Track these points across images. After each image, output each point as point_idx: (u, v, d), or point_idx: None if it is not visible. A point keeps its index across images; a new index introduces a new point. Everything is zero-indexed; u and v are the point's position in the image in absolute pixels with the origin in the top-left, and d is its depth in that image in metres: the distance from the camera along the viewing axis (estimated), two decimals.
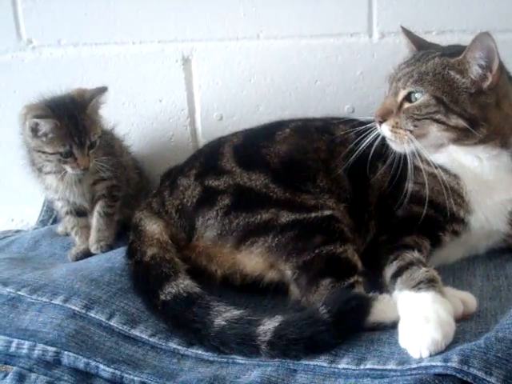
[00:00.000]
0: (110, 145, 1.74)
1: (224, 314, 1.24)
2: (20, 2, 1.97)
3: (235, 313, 1.25)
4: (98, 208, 1.71)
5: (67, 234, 1.82)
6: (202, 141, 1.98)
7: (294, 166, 1.50)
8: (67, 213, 1.74)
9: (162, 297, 1.31)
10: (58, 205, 1.75)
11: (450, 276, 1.44)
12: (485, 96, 1.39)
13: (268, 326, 1.20)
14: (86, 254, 1.68)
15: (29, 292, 1.38)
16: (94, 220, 1.71)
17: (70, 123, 1.58)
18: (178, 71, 1.95)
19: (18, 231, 2.03)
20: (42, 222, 2.04)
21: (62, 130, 1.57)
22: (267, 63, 1.91)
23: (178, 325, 1.28)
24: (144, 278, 1.37)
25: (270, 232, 1.38)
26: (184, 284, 1.33)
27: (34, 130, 1.58)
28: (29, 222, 2.14)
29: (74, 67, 1.99)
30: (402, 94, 1.43)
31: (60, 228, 1.87)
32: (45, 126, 1.56)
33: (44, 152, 1.60)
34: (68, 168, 1.61)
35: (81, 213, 1.74)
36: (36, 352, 1.23)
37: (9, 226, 2.16)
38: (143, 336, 1.28)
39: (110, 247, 1.67)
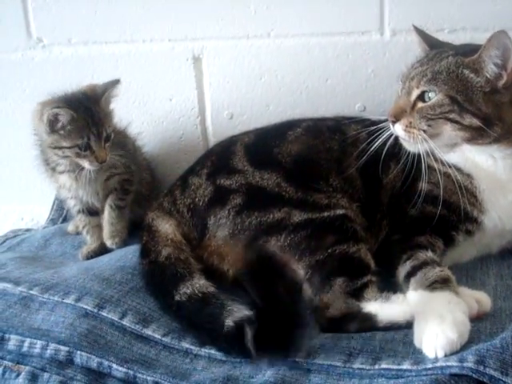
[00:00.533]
0: (123, 143, 1.74)
1: (235, 315, 1.23)
2: (30, 1, 1.97)
3: (246, 313, 1.23)
4: (109, 201, 1.71)
5: (78, 233, 1.82)
6: (212, 140, 1.98)
7: (306, 165, 1.49)
8: (79, 211, 1.74)
9: (177, 297, 1.31)
10: (71, 203, 1.74)
11: (463, 275, 1.43)
12: (499, 95, 1.38)
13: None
14: (98, 252, 1.68)
15: (40, 291, 1.38)
16: (106, 213, 1.71)
17: (86, 115, 1.59)
18: (189, 70, 1.95)
19: (28, 230, 2.03)
20: (52, 221, 2.04)
21: (79, 121, 1.57)
22: (278, 62, 1.90)
23: (191, 325, 1.28)
24: (159, 278, 1.37)
25: (283, 231, 1.37)
26: (199, 284, 1.32)
27: (52, 123, 1.57)
28: (39, 220, 2.14)
29: (84, 66, 1.98)
30: (416, 93, 1.42)
31: (70, 227, 1.86)
32: (64, 116, 1.56)
33: (61, 147, 1.59)
34: (85, 163, 1.61)
35: (92, 212, 1.74)
36: (48, 351, 1.23)
37: (19, 224, 2.16)
38: (156, 335, 1.28)
39: (124, 242, 1.67)
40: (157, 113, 2.00)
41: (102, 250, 1.70)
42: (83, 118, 1.58)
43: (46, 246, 1.81)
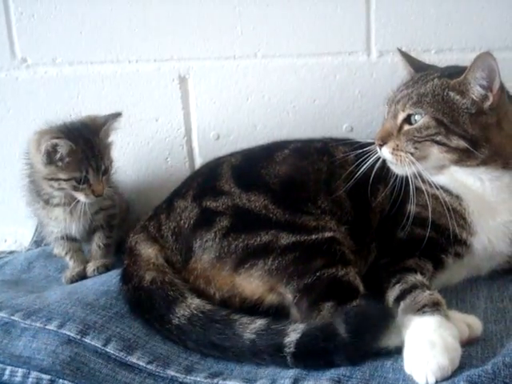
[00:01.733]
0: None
1: (251, 326, 1.24)
2: (14, 20, 1.95)
3: (261, 322, 1.25)
4: (96, 240, 1.70)
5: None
6: (199, 160, 1.97)
7: (294, 187, 1.48)
8: (62, 238, 1.70)
9: (175, 321, 1.30)
10: (54, 230, 1.70)
11: (452, 298, 1.41)
12: (486, 116, 1.38)
13: (292, 337, 1.20)
14: (82, 276, 1.66)
15: (22, 317, 1.35)
16: (93, 252, 1.70)
17: (85, 147, 1.56)
18: (175, 90, 1.94)
19: (11, 252, 2.01)
20: (36, 243, 2.01)
21: (78, 154, 1.54)
22: (265, 82, 1.90)
23: (203, 345, 1.27)
24: (148, 304, 1.35)
25: (270, 254, 1.36)
26: (194, 304, 1.32)
27: (50, 154, 1.53)
28: (22, 242, 2.11)
29: (69, 86, 1.97)
30: (402, 116, 1.42)
31: (56, 250, 1.83)
32: (63, 147, 1.52)
33: (58, 179, 1.56)
34: (81, 196, 1.58)
35: (73, 238, 1.71)
36: (30, 380, 1.21)
37: (2, 246, 2.13)
38: (140, 363, 1.25)
39: (107, 268, 1.65)
40: (143, 133, 1.98)
41: (86, 273, 1.68)
42: (82, 151, 1.55)
43: (29, 269, 1.78)
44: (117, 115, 1.64)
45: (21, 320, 1.34)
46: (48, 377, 1.20)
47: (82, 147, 1.55)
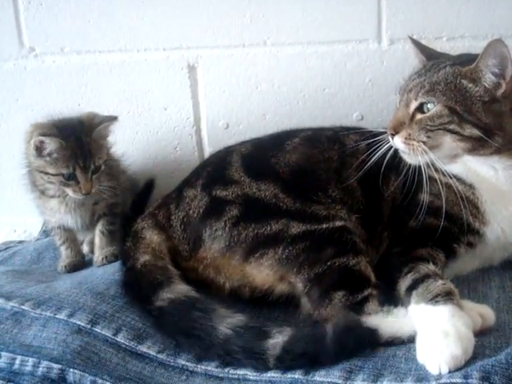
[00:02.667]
0: (109, 166, 1.71)
1: (228, 320, 1.22)
2: (22, 10, 1.94)
3: (240, 318, 1.23)
4: (99, 227, 1.69)
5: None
6: (208, 150, 1.96)
7: (304, 176, 1.47)
8: (58, 227, 1.70)
9: (158, 303, 1.29)
10: (51, 220, 1.71)
11: (464, 288, 1.40)
12: (499, 104, 1.36)
13: (277, 339, 1.18)
14: (78, 266, 1.67)
15: (32, 306, 1.35)
16: (97, 239, 1.69)
17: (75, 145, 1.56)
18: (184, 79, 1.92)
19: (20, 242, 2.00)
20: (45, 233, 2.00)
21: (67, 150, 1.55)
22: (274, 70, 1.88)
23: (177, 332, 1.25)
24: (136, 286, 1.35)
25: (280, 243, 1.35)
26: (179, 289, 1.31)
27: (39, 149, 1.56)
28: (32, 232, 2.11)
29: (78, 75, 1.96)
30: (414, 105, 1.40)
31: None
32: (50, 144, 1.54)
33: (46, 173, 1.58)
34: (70, 191, 1.59)
35: (69, 228, 1.71)
36: (40, 369, 1.20)
37: (11, 236, 2.13)
38: (151, 352, 1.25)
39: (116, 257, 1.63)
40: (151, 123, 1.97)
41: (82, 263, 1.69)
42: (71, 148, 1.56)
43: (38, 260, 1.78)
44: (113, 118, 1.64)
45: (31, 309, 1.34)
46: (58, 366, 1.19)
47: (71, 145, 1.55)
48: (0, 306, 1.37)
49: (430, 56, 1.51)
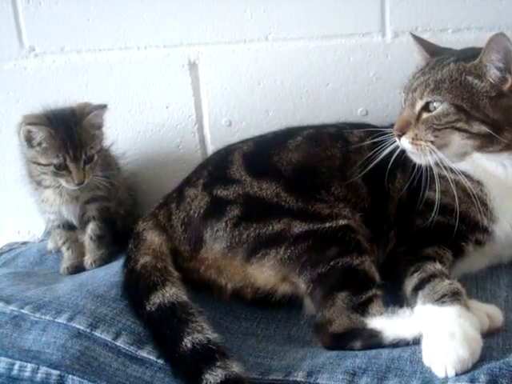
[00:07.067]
0: (107, 162, 1.71)
1: (194, 335, 1.19)
2: (22, 9, 1.92)
3: (207, 336, 1.19)
4: (89, 231, 1.68)
5: (58, 250, 1.76)
6: (211, 148, 1.93)
7: (307, 174, 1.44)
8: (58, 226, 1.70)
9: (148, 307, 1.27)
10: (51, 217, 1.71)
11: (472, 286, 1.38)
12: (506, 99, 1.33)
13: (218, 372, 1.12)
14: (80, 268, 1.66)
15: (32, 310, 1.34)
16: (86, 243, 1.69)
17: (65, 135, 1.55)
18: (185, 76, 1.90)
19: (24, 243, 1.99)
20: (49, 234, 1.99)
21: (56, 140, 1.55)
22: (276, 66, 1.85)
23: (153, 340, 1.24)
24: (133, 288, 1.34)
25: (283, 243, 1.33)
26: (170, 293, 1.29)
27: (28, 139, 1.56)
28: (35, 233, 2.10)
29: (78, 74, 1.94)
30: (420, 104, 1.37)
31: (51, 244, 1.81)
32: (38, 134, 1.54)
33: (39, 163, 1.58)
34: (63, 182, 1.59)
35: (72, 227, 1.71)
36: (39, 375, 1.19)
37: (15, 238, 2.12)
38: (151, 357, 1.23)
39: (105, 260, 1.65)
40: (153, 121, 1.95)
41: (81, 265, 1.67)
42: (61, 138, 1.55)
43: (41, 262, 1.77)
44: (102, 106, 1.62)
45: (30, 313, 1.33)
46: (57, 372, 1.18)
47: (61, 134, 1.55)
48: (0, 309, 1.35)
49: (433, 52, 1.48)
